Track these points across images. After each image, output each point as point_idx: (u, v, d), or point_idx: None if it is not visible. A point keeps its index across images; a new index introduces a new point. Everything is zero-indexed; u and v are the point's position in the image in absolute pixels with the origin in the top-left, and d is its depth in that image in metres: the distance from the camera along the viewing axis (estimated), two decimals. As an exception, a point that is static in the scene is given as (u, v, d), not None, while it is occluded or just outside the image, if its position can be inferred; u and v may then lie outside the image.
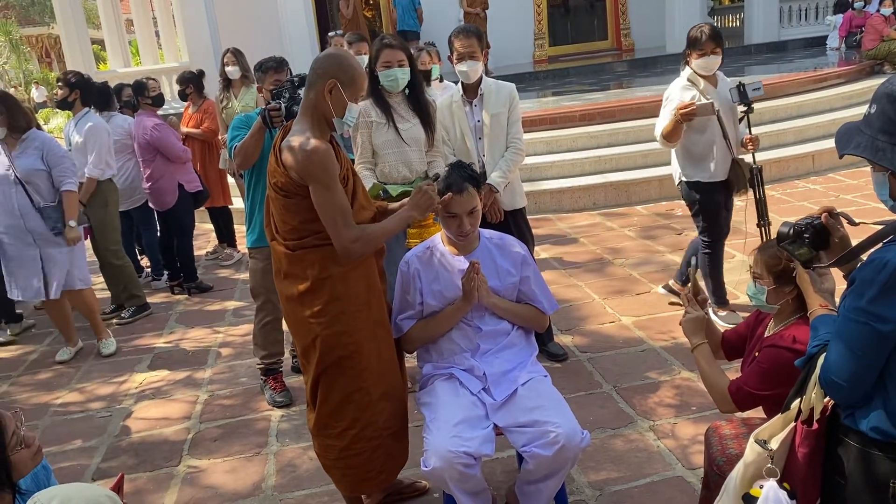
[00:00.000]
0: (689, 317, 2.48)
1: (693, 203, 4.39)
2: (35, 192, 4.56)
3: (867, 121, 1.72)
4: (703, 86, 4.19)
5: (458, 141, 3.98)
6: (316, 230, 2.54)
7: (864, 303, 1.66)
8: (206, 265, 6.81)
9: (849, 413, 1.77)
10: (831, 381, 1.74)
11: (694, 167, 4.31)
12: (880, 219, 1.85)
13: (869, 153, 1.69)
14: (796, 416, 1.88)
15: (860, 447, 1.74)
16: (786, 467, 1.89)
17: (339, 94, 2.50)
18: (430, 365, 2.84)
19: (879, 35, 10.98)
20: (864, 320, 1.66)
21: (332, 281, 2.56)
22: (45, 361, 4.96)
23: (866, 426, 1.72)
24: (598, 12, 15.56)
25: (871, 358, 1.68)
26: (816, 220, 2.02)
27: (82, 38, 12.35)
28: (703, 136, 4.22)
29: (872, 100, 1.72)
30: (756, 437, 1.92)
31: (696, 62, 4.16)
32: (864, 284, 1.67)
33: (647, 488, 3.01)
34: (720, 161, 4.24)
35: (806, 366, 1.88)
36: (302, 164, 2.43)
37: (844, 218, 2.04)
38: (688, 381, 3.82)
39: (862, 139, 1.71)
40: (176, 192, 5.88)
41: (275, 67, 3.95)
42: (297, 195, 2.50)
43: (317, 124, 2.53)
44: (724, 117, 4.19)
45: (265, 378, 4.11)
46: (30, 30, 31.28)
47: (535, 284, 2.87)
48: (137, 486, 3.39)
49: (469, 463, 2.42)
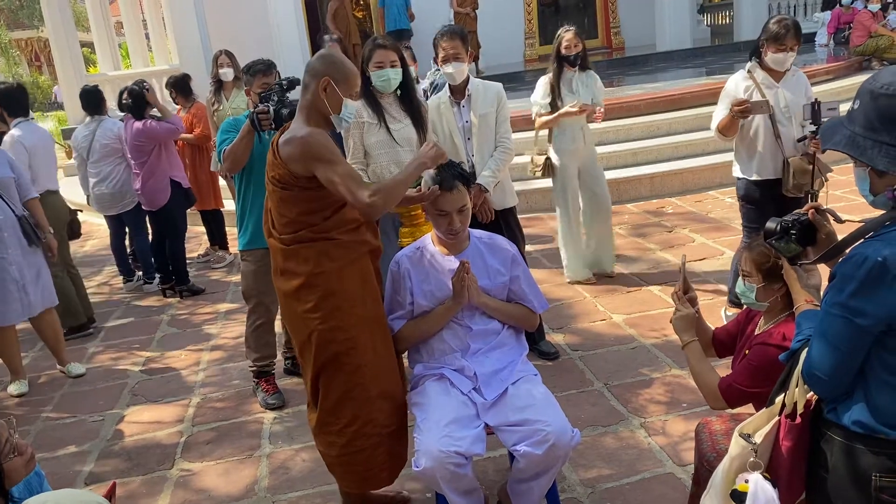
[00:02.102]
0: (680, 314, 2.50)
1: (738, 198, 4.32)
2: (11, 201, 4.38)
3: (850, 116, 1.74)
4: (762, 78, 4.03)
5: (447, 141, 3.99)
6: (311, 223, 2.58)
7: (844, 297, 1.68)
8: (197, 268, 6.79)
9: (831, 408, 1.79)
10: (813, 374, 1.76)
11: (741, 163, 4.21)
12: (866, 215, 1.87)
13: (850, 149, 1.71)
14: (780, 410, 1.90)
15: (843, 441, 1.76)
16: (770, 461, 1.92)
17: (334, 91, 2.57)
18: (420, 365, 2.85)
19: (867, 31, 11.04)
20: (844, 315, 1.68)
21: (327, 276, 2.59)
22: (36, 367, 4.95)
23: (848, 420, 1.74)
24: (588, 11, 15.58)
25: (852, 352, 1.70)
26: (803, 217, 2.04)
27: (72, 41, 12.30)
28: (750, 131, 4.09)
29: (856, 96, 1.74)
30: (740, 431, 1.95)
31: (772, 56, 3.96)
32: (844, 279, 1.69)
33: (638, 485, 3.03)
34: (767, 159, 4.07)
35: (789, 361, 1.90)
36: (302, 151, 2.50)
37: (831, 215, 2.06)
38: (678, 379, 3.84)
39: (844, 134, 1.73)
40: (168, 190, 5.83)
41: (263, 70, 3.95)
42: (296, 186, 2.55)
43: (314, 122, 2.59)
44: (781, 114, 4.01)
45: (258, 380, 4.11)
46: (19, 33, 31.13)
47: (525, 284, 2.89)
48: (130, 489, 3.39)
49: (460, 462, 2.43)
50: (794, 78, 4.10)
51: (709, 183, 7.61)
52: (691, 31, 14.14)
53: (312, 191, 2.55)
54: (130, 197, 5.99)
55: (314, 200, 2.57)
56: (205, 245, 7.18)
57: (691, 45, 13.67)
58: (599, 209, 5.17)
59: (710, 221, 6.50)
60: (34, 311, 4.47)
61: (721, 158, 7.70)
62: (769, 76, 4.04)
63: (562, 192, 5.10)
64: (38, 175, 5.11)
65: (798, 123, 4.01)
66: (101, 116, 5.97)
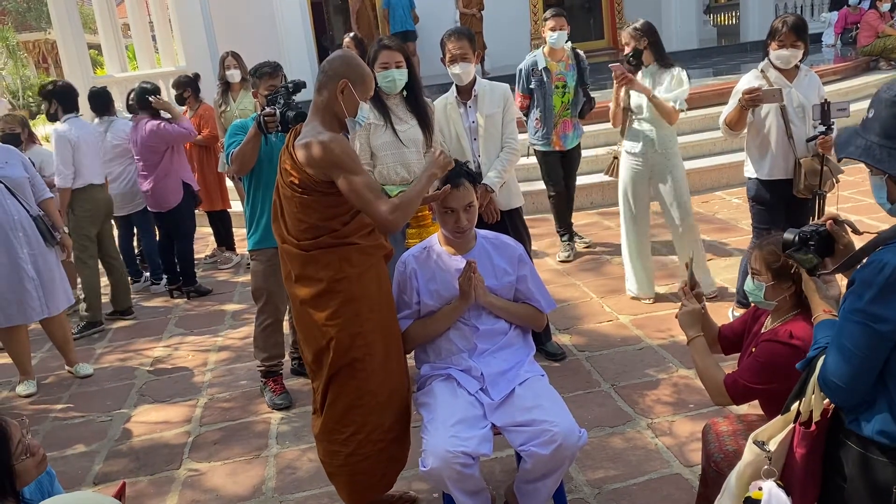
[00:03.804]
0: (686, 310, 2.50)
1: (749, 199, 4.28)
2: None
3: (865, 125, 1.74)
4: (774, 77, 3.98)
5: (454, 142, 4.00)
6: (332, 228, 2.55)
7: (863, 304, 1.67)
8: (204, 269, 6.82)
9: (853, 418, 1.76)
10: (830, 382, 1.74)
11: (753, 163, 4.17)
12: (873, 216, 1.87)
13: (866, 158, 1.71)
14: (795, 417, 1.88)
15: (862, 451, 1.74)
16: (784, 468, 1.90)
17: (351, 94, 2.53)
18: (427, 365, 2.85)
19: (874, 31, 11.01)
20: (863, 321, 1.67)
21: (348, 282, 2.56)
22: (44, 367, 4.97)
23: (871, 430, 1.71)
24: (594, 12, 15.58)
25: (870, 359, 1.68)
26: (822, 228, 2.02)
27: (79, 43, 12.34)
28: (761, 130, 4.04)
29: (871, 104, 1.74)
30: (755, 437, 1.93)
31: (774, 53, 3.96)
32: (863, 285, 1.68)
33: (645, 486, 3.03)
34: (779, 159, 4.03)
35: (806, 368, 1.88)
36: (323, 157, 2.44)
37: (849, 226, 2.04)
38: (685, 379, 3.84)
39: (859, 144, 1.73)
40: (181, 192, 5.86)
41: (270, 73, 3.96)
42: (316, 191, 2.51)
43: (328, 124, 2.55)
44: (794, 114, 3.98)
45: (265, 380, 4.12)
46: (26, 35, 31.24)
47: (531, 283, 2.89)
48: (138, 489, 3.40)
49: (467, 463, 2.43)
50: (807, 78, 4.07)
51: (716, 183, 7.61)
52: (698, 32, 14.13)
53: (332, 196, 2.50)
54: (140, 197, 6.01)
55: (334, 206, 2.52)
56: (212, 246, 7.20)
57: (698, 46, 13.66)
58: (673, 223, 4.78)
59: (716, 222, 6.49)
60: (51, 311, 4.48)
61: (728, 159, 7.69)
62: (782, 76, 4.01)
63: (622, 195, 4.81)
64: (82, 169, 5.34)
65: (810, 124, 3.97)
66: (110, 117, 6.00)
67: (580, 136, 5.79)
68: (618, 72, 4.46)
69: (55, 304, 4.49)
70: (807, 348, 2.14)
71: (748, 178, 4.23)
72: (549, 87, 5.43)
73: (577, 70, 5.52)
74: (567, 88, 5.50)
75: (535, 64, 5.45)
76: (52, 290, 4.46)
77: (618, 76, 4.48)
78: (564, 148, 5.67)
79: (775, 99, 3.83)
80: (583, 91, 5.58)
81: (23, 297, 4.32)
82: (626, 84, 4.48)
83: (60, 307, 4.56)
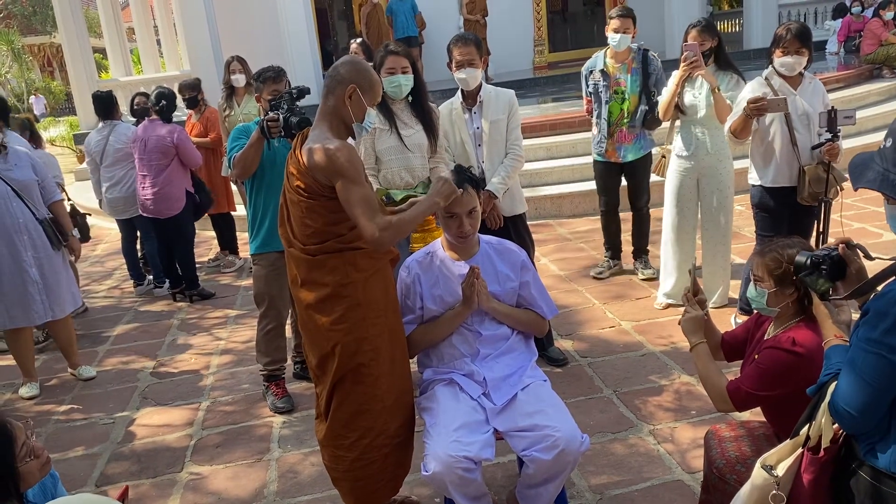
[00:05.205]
0: (688, 316, 2.50)
1: (752, 206, 4.27)
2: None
3: (882, 154, 1.74)
4: (778, 85, 3.99)
5: (458, 147, 4.01)
6: (338, 233, 2.53)
7: (877, 334, 1.67)
8: (207, 272, 6.83)
9: (869, 448, 1.76)
10: (841, 409, 1.74)
11: (757, 170, 4.16)
12: (877, 222, 1.87)
13: (883, 187, 1.71)
14: (804, 442, 1.88)
15: (873, 482, 1.74)
16: (792, 492, 1.90)
17: (359, 99, 2.52)
18: (430, 370, 2.86)
19: (878, 39, 11.02)
20: (878, 351, 1.67)
21: (354, 286, 2.55)
22: (47, 369, 4.98)
23: (887, 462, 1.71)
24: (597, 18, 15.62)
25: (884, 389, 1.68)
26: (834, 252, 2.02)
27: (84, 46, 12.40)
28: (766, 138, 4.04)
29: (888, 133, 1.74)
30: (763, 462, 1.93)
31: (778, 60, 3.95)
32: (878, 316, 1.68)
33: (647, 492, 3.03)
34: (784, 166, 4.02)
35: (817, 393, 1.88)
36: (328, 163, 2.43)
37: (861, 251, 2.03)
38: (687, 386, 3.84)
39: (877, 171, 1.73)
40: (184, 199, 5.89)
41: (273, 77, 3.97)
42: (322, 196, 2.49)
43: (335, 129, 2.54)
44: (798, 122, 3.98)
45: (268, 384, 4.13)
46: (32, 39, 31.37)
47: (534, 289, 2.90)
48: (140, 492, 3.41)
49: (469, 467, 2.44)
50: (812, 85, 4.07)
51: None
52: (701, 39, 14.11)
53: (338, 201, 2.49)
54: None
55: (340, 211, 2.50)
56: (215, 249, 7.21)
57: (701, 53, 13.64)
58: (706, 229, 4.67)
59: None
60: (56, 314, 4.48)
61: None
62: (786, 83, 4.01)
63: (669, 196, 4.69)
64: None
65: (815, 131, 3.97)
66: (113, 121, 6.02)
67: (645, 148, 5.16)
68: (691, 54, 4.33)
69: (60, 308, 4.50)
70: (810, 355, 2.15)
71: (752, 186, 4.23)
72: (605, 92, 5.06)
73: (642, 74, 5.00)
74: (626, 94, 5.01)
75: (594, 65, 5.12)
76: (58, 293, 4.46)
77: (688, 59, 4.34)
78: (620, 160, 5.18)
79: (780, 108, 3.84)
80: (646, 96, 5.00)
81: (25, 301, 4.33)
82: (696, 69, 4.35)
83: (66, 310, 4.56)
